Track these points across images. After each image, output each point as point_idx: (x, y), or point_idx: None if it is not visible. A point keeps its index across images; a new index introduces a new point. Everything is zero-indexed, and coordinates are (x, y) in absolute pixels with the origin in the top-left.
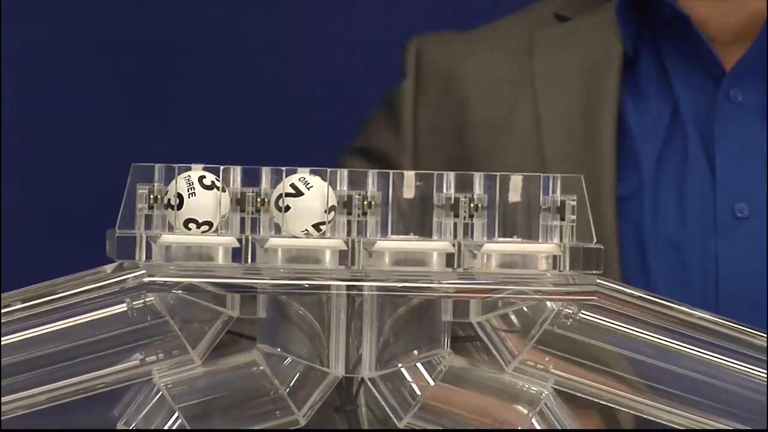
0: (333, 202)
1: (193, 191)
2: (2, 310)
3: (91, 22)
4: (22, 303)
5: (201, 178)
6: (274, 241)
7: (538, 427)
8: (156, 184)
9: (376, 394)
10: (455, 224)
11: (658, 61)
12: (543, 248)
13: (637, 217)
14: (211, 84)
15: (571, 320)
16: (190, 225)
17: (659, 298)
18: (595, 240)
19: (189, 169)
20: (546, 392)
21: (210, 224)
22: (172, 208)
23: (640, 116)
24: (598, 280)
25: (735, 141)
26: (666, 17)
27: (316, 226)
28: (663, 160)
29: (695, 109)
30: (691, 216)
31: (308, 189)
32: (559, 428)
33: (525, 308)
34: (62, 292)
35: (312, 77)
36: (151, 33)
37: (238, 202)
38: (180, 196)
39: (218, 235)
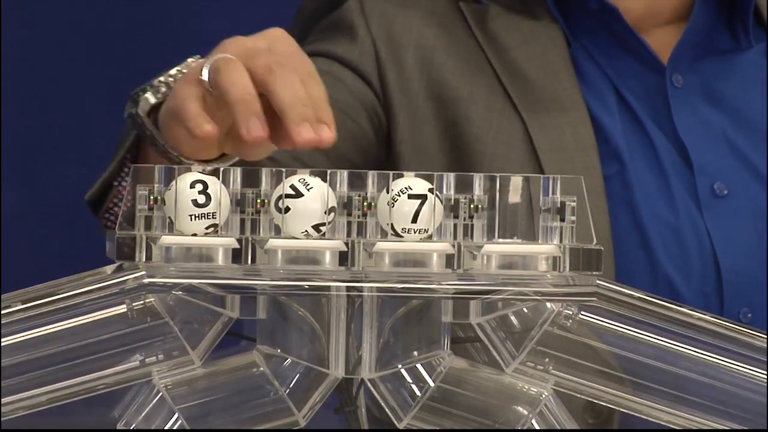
0: (333, 203)
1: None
2: (3, 311)
3: (92, 22)
4: (23, 304)
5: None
6: (273, 243)
7: (538, 428)
8: (156, 185)
9: (376, 394)
10: (455, 225)
11: (587, 48)
12: (543, 249)
13: (625, 196)
14: None
15: (570, 321)
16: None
17: (659, 299)
18: (594, 241)
19: (189, 170)
20: (546, 393)
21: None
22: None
23: (593, 100)
24: (598, 281)
25: (693, 124)
26: (593, 10)
27: (316, 227)
28: (630, 144)
29: (639, 94)
30: (677, 196)
31: (308, 190)
32: (559, 428)
33: (525, 309)
34: (62, 293)
35: None
36: (151, 33)
37: (238, 203)
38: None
39: (218, 236)
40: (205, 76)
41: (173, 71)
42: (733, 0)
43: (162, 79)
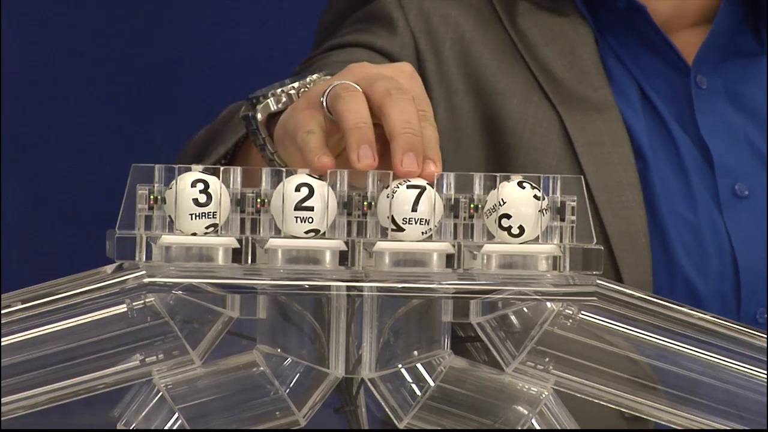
0: (333, 202)
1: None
2: (3, 311)
3: (92, 22)
4: (23, 303)
5: None
6: (273, 242)
7: (538, 428)
8: (156, 185)
9: (376, 394)
10: (455, 225)
11: (612, 47)
12: (543, 249)
13: (646, 194)
14: (211, 84)
15: (570, 321)
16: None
17: (659, 299)
18: (594, 241)
19: (189, 169)
20: (546, 393)
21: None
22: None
23: (618, 98)
24: (598, 281)
25: (716, 125)
26: (620, 9)
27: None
28: (654, 142)
29: (663, 94)
30: (697, 196)
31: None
32: (559, 428)
33: (525, 309)
34: (62, 292)
35: None
36: (151, 33)
37: (238, 203)
38: None
39: (218, 236)
40: (324, 101)
41: (296, 84)
42: (757, 3)
43: (285, 89)
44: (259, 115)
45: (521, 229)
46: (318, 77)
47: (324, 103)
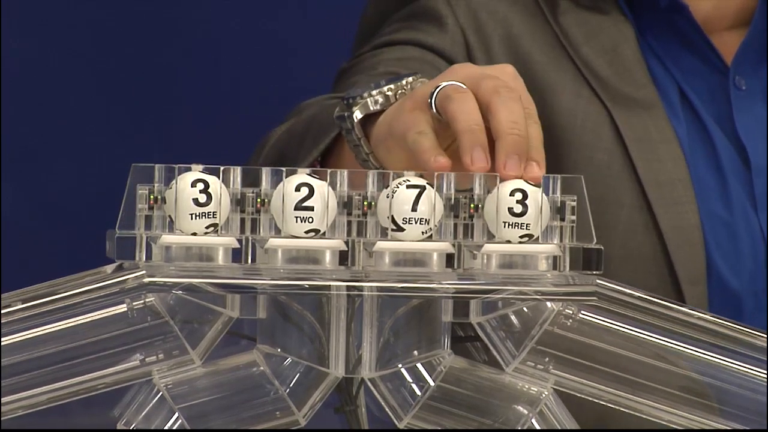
0: (333, 202)
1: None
2: (3, 311)
3: (92, 22)
4: (23, 303)
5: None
6: (273, 242)
7: (538, 427)
8: (156, 185)
9: (376, 394)
10: (455, 224)
11: (652, 46)
12: (543, 249)
13: None
14: (210, 84)
15: (571, 320)
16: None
17: (659, 299)
18: (594, 240)
19: (189, 169)
20: (546, 392)
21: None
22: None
23: (659, 97)
24: (598, 281)
25: (753, 126)
26: (662, 8)
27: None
28: (693, 142)
29: (702, 94)
30: (734, 195)
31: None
32: (559, 428)
33: (525, 309)
34: (62, 292)
35: (314, 77)
36: (150, 34)
37: (238, 203)
38: None
39: (218, 236)
40: (432, 101)
41: (392, 85)
42: None
43: (382, 90)
44: (358, 114)
45: (524, 206)
46: (414, 80)
47: (432, 104)
